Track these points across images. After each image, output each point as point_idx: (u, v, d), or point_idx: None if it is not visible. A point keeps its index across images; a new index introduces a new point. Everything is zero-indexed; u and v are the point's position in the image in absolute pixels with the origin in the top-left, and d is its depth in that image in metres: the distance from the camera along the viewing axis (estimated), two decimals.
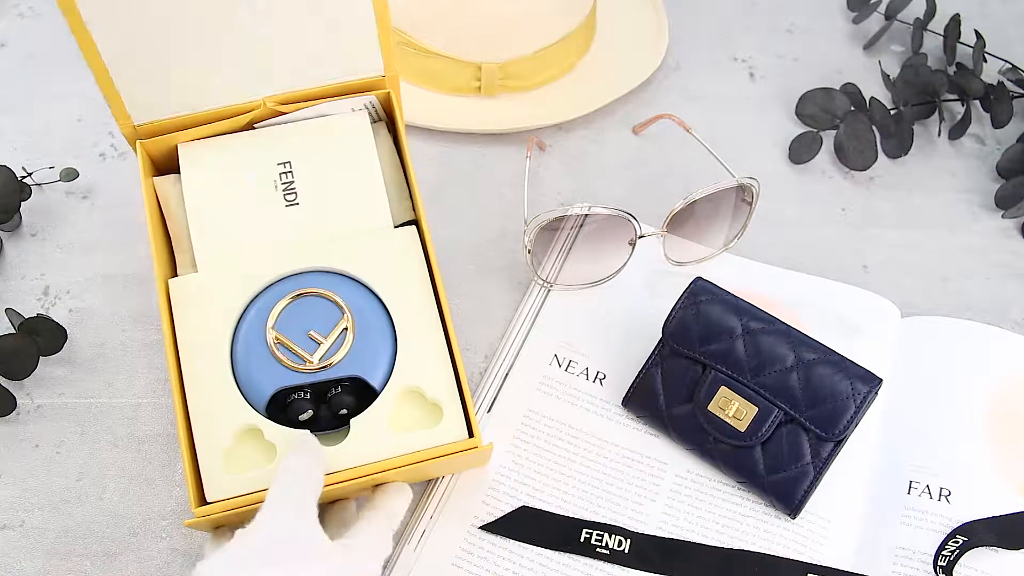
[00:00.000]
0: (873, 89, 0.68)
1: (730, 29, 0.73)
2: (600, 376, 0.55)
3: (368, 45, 0.50)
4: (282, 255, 0.49)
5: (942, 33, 0.70)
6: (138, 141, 0.50)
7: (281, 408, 0.47)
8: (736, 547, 0.50)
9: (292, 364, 0.47)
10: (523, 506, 0.51)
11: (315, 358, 0.47)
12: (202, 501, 0.45)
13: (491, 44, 0.63)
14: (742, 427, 0.50)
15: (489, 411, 0.54)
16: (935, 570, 0.49)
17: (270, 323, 0.47)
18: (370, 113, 0.53)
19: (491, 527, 0.50)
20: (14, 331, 0.53)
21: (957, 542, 0.49)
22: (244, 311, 0.48)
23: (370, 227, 0.51)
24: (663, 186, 0.63)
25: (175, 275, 0.50)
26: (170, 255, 0.52)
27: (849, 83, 0.67)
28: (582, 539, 0.49)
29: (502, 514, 0.50)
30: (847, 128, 0.65)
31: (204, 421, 0.46)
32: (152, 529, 0.50)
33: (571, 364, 0.56)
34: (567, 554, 0.49)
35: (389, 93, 0.53)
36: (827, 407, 0.49)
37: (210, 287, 0.48)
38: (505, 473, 0.52)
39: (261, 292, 0.49)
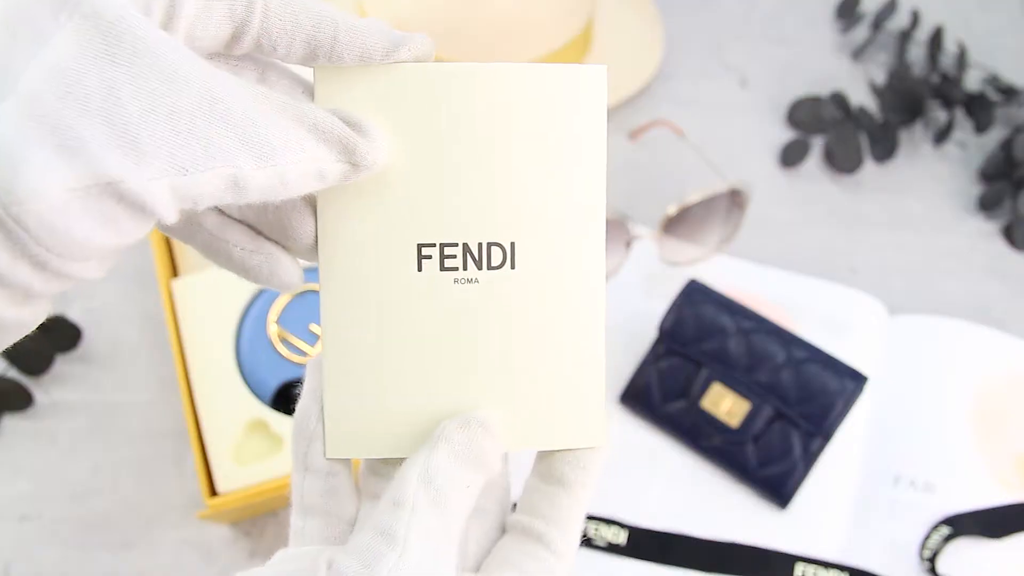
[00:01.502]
0: (861, 96, 0.69)
1: (722, 38, 0.73)
2: None
3: None
4: None
5: (926, 43, 0.71)
6: None
7: (287, 400, 0.48)
8: (728, 539, 0.50)
9: (295, 358, 0.48)
10: None
11: (317, 351, 0.48)
12: (213, 492, 0.46)
13: (490, 51, 0.63)
14: (735, 423, 0.51)
15: None
16: (921, 560, 0.50)
17: (272, 319, 0.48)
18: None
19: None
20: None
21: (942, 533, 0.50)
22: (247, 309, 0.49)
23: None
24: (658, 190, 0.64)
25: (177, 276, 0.51)
26: (172, 256, 0.53)
27: (837, 91, 0.68)
28: None
29: None
30: (835, 134, 0.66)
31: (213, 416, 0.47)
32: (165, 520, 0.50)
33: None
34: None
35: None
36: (817, 403, 0.50)
37: (212, 287, 0.49)
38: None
39: (262, 290, 0.49)
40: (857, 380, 0.50)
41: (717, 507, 0.51)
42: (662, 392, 0.53)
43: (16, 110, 0.18)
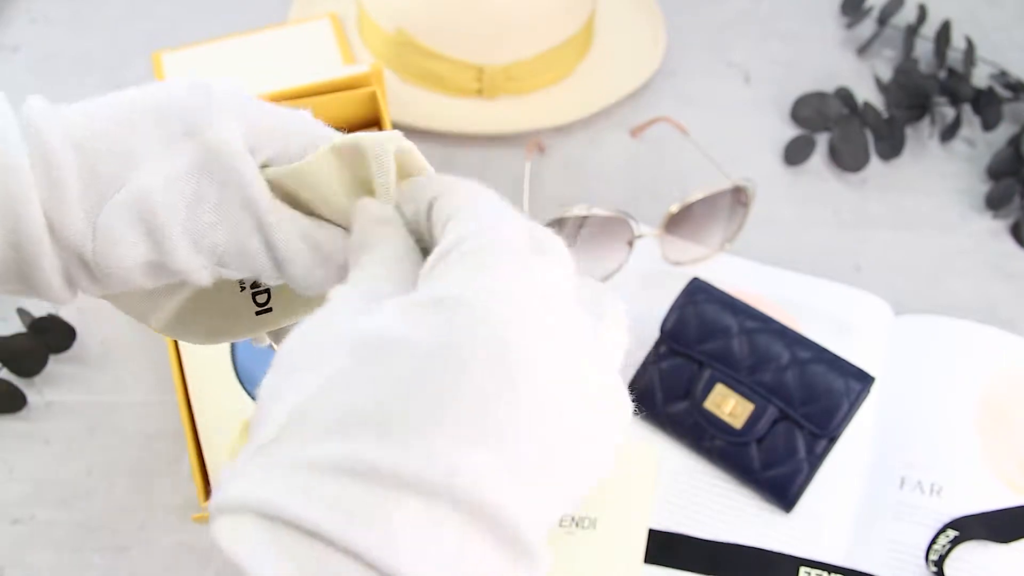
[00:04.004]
0: (866, 93, 0.69)
1: (725, 35, 0.73)
2: None
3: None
4: None
5: (933, 38, 0.71)
6: None
7: None
8: (731, 541, 0.50)
9: None
10: None
11: None
12: (209, 495, 0.46)
13: (493, 47, 0.63)
14: (738, 424, 0.51)
15: None
16: (927, 563, 0.49)
17: None
18: None
19: None
20: (24, 330, 0.54)
21: (949, 536, 0.50)
22: None
23: None
24: (661, 188, 0.64)
25: None
26: None
27: (842, 87, 0.68)
28: None
29: None
30: (840, 131, 0.66)
31: (209, 417, 0.47)
32: (160, 523, 0.50)
33: None
34: None
35: (374, 91, 0.53)
36: (821, 404, 0.50)
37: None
38: None
39: None
40: (863, 381, 0.50)
41: (720, 509, 0.51)
42: (664, 393, 0.53)
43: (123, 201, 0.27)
